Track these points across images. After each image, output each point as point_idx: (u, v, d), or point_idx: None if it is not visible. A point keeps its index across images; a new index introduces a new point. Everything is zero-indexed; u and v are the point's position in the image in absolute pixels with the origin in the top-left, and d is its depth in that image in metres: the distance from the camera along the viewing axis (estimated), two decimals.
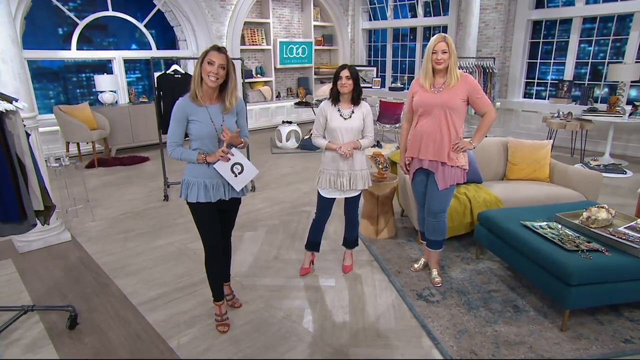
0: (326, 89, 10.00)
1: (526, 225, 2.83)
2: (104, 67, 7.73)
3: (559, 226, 2.82)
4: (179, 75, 4.54)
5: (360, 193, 3.00)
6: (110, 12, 7.10)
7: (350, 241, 3.13)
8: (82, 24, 6.84)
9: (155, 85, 4.49)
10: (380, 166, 3.62)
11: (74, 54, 6.84)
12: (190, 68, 7.28)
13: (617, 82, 6.14)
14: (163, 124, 4.59)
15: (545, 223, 2.87)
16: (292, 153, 6.91)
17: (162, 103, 4.52)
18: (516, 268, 2.83)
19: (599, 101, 6.92)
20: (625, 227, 2.72)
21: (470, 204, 3.46)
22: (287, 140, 7.13)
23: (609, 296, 2.43)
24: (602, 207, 2.86)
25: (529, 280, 2.89)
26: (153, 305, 2.70)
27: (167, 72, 4.54)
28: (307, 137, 7.20)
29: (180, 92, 4.53)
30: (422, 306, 2.68)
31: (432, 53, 2.63)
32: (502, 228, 2.89)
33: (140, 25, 7.52)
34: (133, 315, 2.60)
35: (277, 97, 9.42)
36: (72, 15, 6.79)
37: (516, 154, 4.04)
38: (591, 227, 2.79)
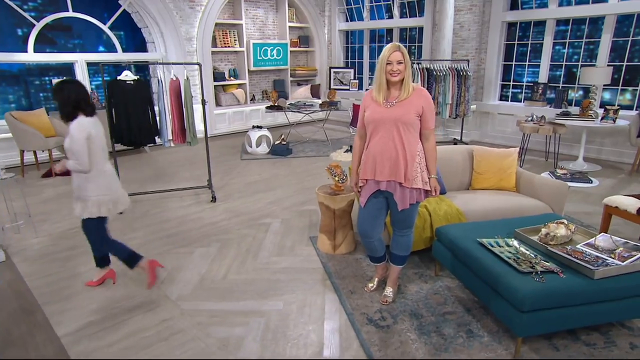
0: (302, 91, 9.82)
1: (482, 243, 2.68)
2: (69, 70, 7.43)
3: (516, 243, 2.68)
4: (131, 82, 4.31)
5: (99, 219, 2.79)
6: (70, 13, 6.81)
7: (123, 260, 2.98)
8: (39, 25, 6.54)
9: (106, 92, 4.26)
10: (336, 178, 3.45)
11: (30, 56, 6.53)
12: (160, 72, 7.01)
13: (590, 85, 6.06)
14: (115, 133, 4.36)
15: (503, 240, 2.72)
16: (263, 159, 6.70)
17: (113, 111, 4.29)
18: (471, 289, 2.67)
19: (573, 104, 6.85)
20: (583, 245, 2.59)
21: (430, 218, 3.30)
22: (258, 145, 6.92)
23: (564, 322, 2.28)
24: (561, 223, 2.72)
25: None
26: (79, 336, 2.49)
27: (118, 78, 4.31)
28: (277, 142, 7.00)
29: (132, 98, 4.37)
30: (371, 332, 2.51)
31: (387, 64, 2.41)
32: (458, 246, 2.74)
33: (104, 27, 7.24)
34: (53, 349, 2.38)
35: (251, 100, 9.21)
36: (27, 15, 6.48)
37: (481, 163, 3.90)
38: (550, 244, 2.66)
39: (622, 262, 2.36)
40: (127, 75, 4.29)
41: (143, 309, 2.75)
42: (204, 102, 4.56)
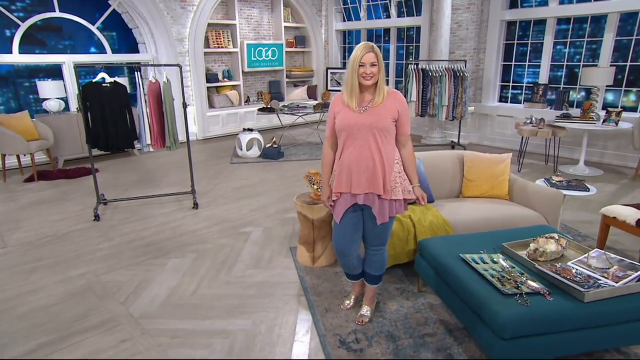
0: (299, 92, 9.64)
1: (465, 259, 2.47)
2: (59, 71, 7.29)
3: (502, 260, 2.47)
4: (107, 84, 4.15)
5: None
6: (57, 14, 6.67)
7: None
8: (24, 26, 6.41)
9: (80, 95, 4.09)
10: (315, 186, 3.26)
11: (15, 57, 6.40)
12: (150, 73, 6.87)
13: (592, 86, 5.81)
14: (91, 138, 4.20)
15: (488, 255, 2.52)
16: (253, 163, 6.52)
17: (89, 115, 4.13)
18: (453, 310, 2.46)
19: (574, 105, 6.61)
20: (575, 262, 2.38)
21: (414, 229, 3.10)
22: (249, 149, 6.74)
23: (551, 349, 2.07)
24: (551, 238, 2.51)
25: None
26: None
27: (94, 80, 4.15)
28: (269, 145, 6.83)
29: (109, 102, 4.20)
30: (342, 356, 2.31)
31: (359, 66, 2.21)
32: (439, 261, 2.54)
33: (92, 27, 7.10)
34: None
35: (246, 101, 9.03)
36: (12, 16, 6.34)
37: (472, 170, 3.69)
38: (539, 261, 2.45)
39: (616, 282, 2.15)
40: (103, 78, 4.13)
41: (102, 328, 2.58)
42: (184, 105, 4.38)
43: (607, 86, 6.05)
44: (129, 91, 4.63)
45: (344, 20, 9.81)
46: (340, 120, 2.31)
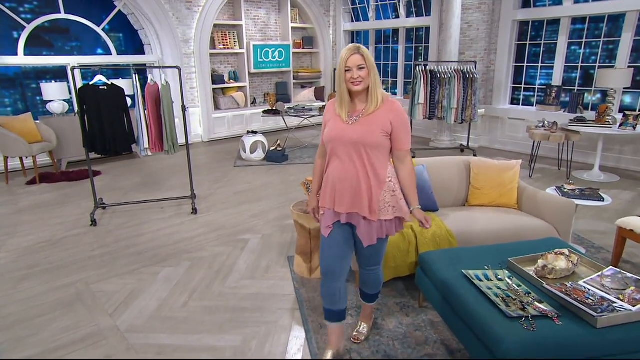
0: (306, 93, 9.52)
1: (468, 275, 2.31)
2: (65, 73, 7.29)
3: (507, 277, 2.30)
4: (105, 87, 4.07)
5: None
6: (62, 15, 6.65)
7: None
8: (29, 28, 6.40)
9: (77, 98, 4.01)
10: None
11: (20, 59, 6.40)
12: (154, 75, 6.84)
13: (608, 88, 5.57)
14: (88, 141, 4.13)
15: (492, 272, 2.36)
16: (257, 166, 6.41)
17: (86, 118, 4.06)
18: (454, 330, 2.31)
19: (589, 108, 6.36)
20: (586, 281, 2.20)
21: (416, 240, 2.94)
22: (253, 152, 6.64)
23: None
24: (561, 254, 2.34)
25: None
26: None
27: (91, 82, 4.08)
28: (272, 148, 6.71)
29: (106, 105, 4.12)
30: None
31: (346, 71, 1.97)
32: (440, 278, 2.38)
33: (98, 29, 7.08)
34: None
35: (252, 103, 8.94)
36: (17, 18, 6.34)
37: (479, 177, 3.52)
38: (548, 278, 2.28)
39: (633, 306, 1.97)
40: (100, 80, 4.06)
41: (86, 343, 2.48)
42: (184, 108, 4.29)
43: (624, 88, 5.79)
44: (129, 93, 4.57)
45: (352, 21, 9.66)
46: (328, 131, 2.10)
